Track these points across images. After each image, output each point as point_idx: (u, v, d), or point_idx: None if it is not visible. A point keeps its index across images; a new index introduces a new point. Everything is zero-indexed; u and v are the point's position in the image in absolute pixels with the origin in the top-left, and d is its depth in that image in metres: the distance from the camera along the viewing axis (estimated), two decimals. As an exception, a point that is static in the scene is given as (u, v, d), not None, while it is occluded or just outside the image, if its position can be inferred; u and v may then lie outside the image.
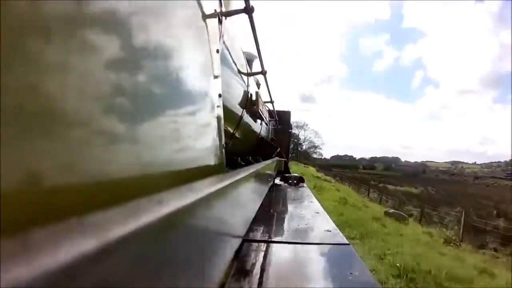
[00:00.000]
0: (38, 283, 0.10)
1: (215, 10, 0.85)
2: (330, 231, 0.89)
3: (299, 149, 52.55)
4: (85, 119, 0.27)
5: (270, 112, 3.81)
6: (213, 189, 0.29)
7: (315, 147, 56.37)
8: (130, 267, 0.15)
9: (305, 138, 55.04)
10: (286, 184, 2.21)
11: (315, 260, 0.64)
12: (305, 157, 52.33)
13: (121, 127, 0.33)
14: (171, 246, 0.20)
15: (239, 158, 1.74)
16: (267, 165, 1.18)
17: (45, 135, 0.22)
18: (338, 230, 0.89)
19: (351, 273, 0.55)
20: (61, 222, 0.14)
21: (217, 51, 0.83)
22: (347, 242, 0.77)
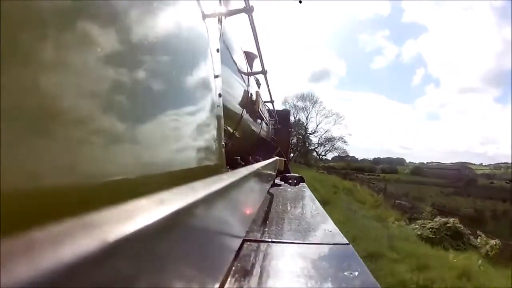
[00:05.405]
0: (38, 283, 0.10)
1: (215, 10, 0.85)
2: (331, 231, 0.89)
3: (306, 144, 31.24)
4: (85, 119, 0.27)
5: (270, 112, 3.81)
6: (213, 189, 0.29)
7: (333, 140, 31.56)
8: (130, 267, 0.15)
9: (317, 125, 31.06)
10: (286, 184, 2.21)
11: (315, 260, 0.64)
12: (316, 160, 32.88)
13: (121, 127, 0.33)
14: (171, 246, 0.20)
15: (239, 158, 1.74)
16: (267, 165, 1.18)
17: (46, 135, 0.22)
18: (338, 230, 0.89)
19: (351, 273, 0.55)
20: (61, 221, 0.14)
21: (217, 50, 0.83)
22: (347, 242, 0.77)
